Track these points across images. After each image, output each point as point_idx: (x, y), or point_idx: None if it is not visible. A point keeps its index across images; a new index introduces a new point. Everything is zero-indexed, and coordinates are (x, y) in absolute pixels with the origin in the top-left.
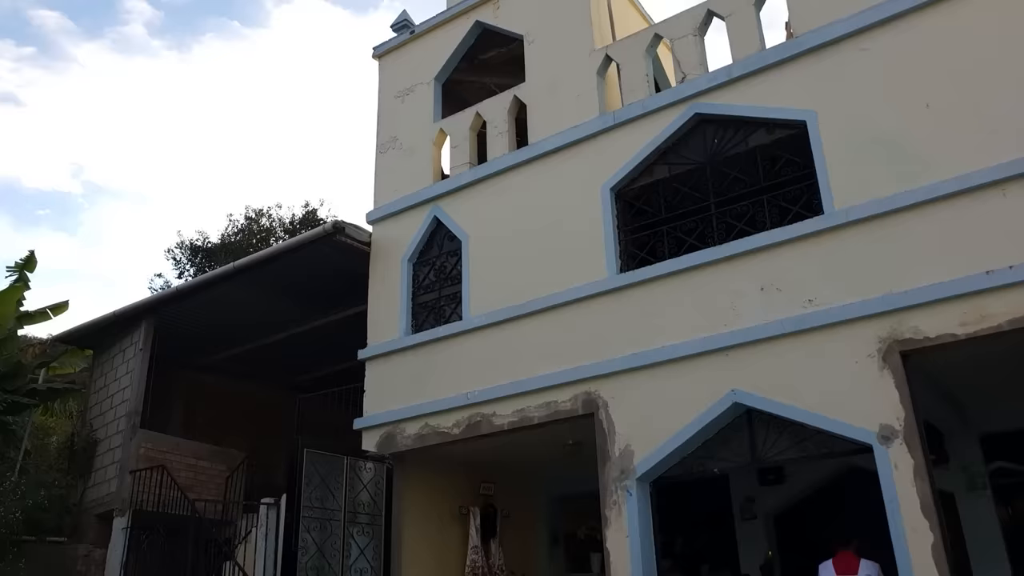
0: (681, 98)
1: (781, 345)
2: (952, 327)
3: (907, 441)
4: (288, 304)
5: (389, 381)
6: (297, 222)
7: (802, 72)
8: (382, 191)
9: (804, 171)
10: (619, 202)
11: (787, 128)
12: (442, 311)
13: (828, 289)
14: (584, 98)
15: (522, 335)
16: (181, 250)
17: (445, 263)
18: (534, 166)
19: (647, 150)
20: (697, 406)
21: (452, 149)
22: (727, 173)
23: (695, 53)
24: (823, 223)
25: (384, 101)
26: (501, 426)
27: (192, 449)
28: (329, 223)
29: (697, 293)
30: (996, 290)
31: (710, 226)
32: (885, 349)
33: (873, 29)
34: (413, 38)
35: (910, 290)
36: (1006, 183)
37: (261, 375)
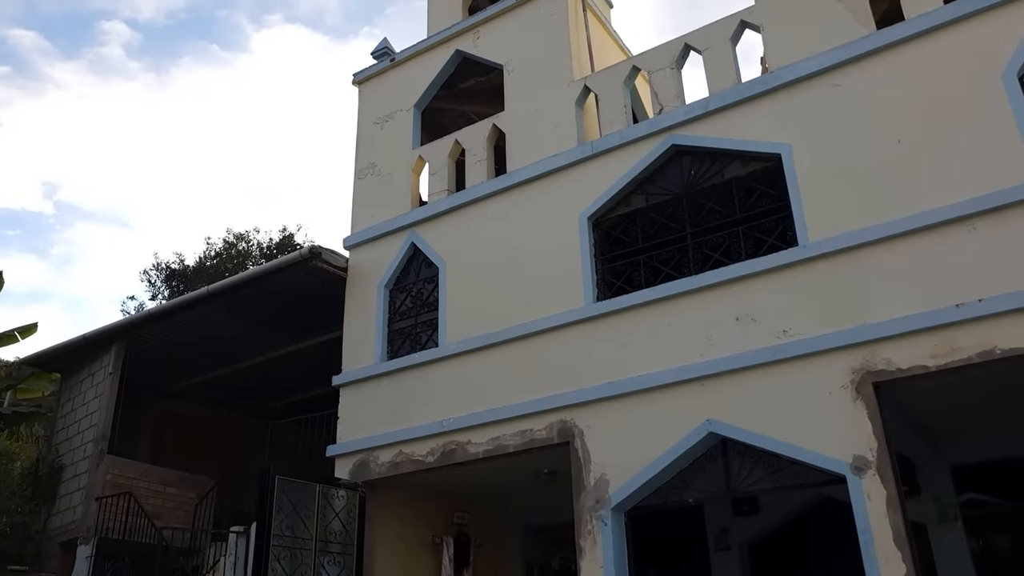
0: (658, 129)
1: (756, 375)
2: (923, 359)
3: (880, 472)
4: (262, 329)
5: (363, 408)
6: (274, 246)
7: (777, 106)
8: (360, 217)
9: (779, 203)
10: (596, 231)
11: (762, 160)
12: (418, 338)
13: (802, 320)
14: (563, 128)
15: (498, 363)
16: (157, 272)
17: (422, 289)
18: (512, 194)
19: (624, 180)
20: (672, 435)
21: (431, 176)
22: (703, 204)
23: (672, 85)
24: (797, 255)
25: (363, 127)
26: (476, 454)
27: (160, 475)
28: (306, 248)
29: (673, 322)
30: (966, 323)
31: (686, 256)
32: (858, 380)
33: (846, 66)
34: (393, 65)
35: (882, 322)
36: (974, 218)
37: (233, 400)
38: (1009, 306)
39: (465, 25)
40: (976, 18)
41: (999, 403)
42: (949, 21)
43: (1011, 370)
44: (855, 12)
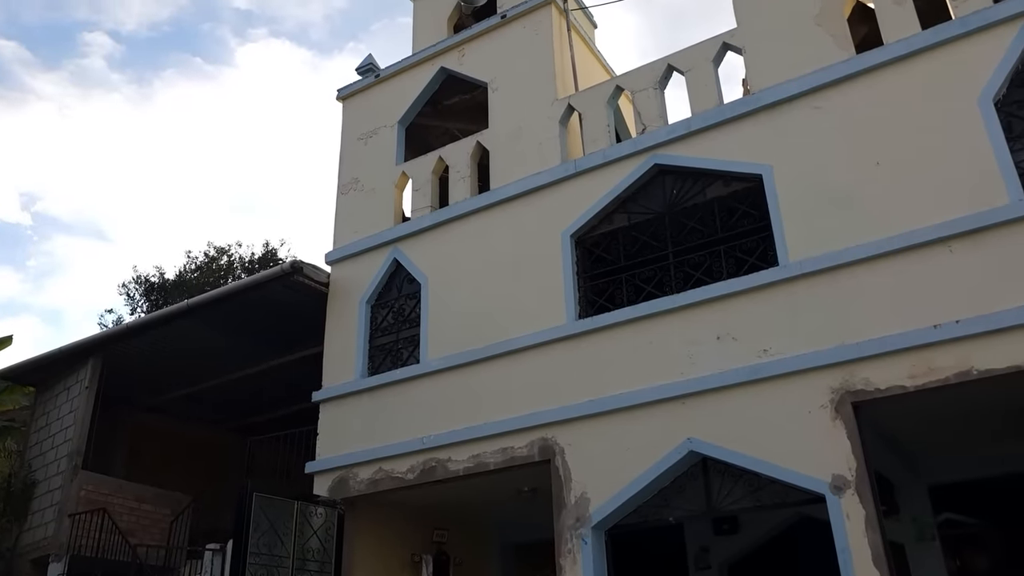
0: (641, 149)
1: (737, 394)
2: (902, 379)
3: (859, 491)
4: (242, 344)
5: (343, 424)
6: (256, 261)
7: (758, 127)
8: (342, 232)
9: (760, 223)
10: (579, 249)
11: (744, 181)
12: (399, 354)
13: (783, 339)
14: (546, 146)
15: (480, 380)
16: (136, 286)
17: (404, 305)
18: (495, 211)
19: (607, 198)
20: (653, 454)
21: (414, 192)
22: (685, 223)
23: (655, 105)
24: (778, 274)
25: (347, 142)
26: (456, 472)
27: (135, 492)
28: (287, 263)
29: (655, 341)
30: (943, 343)
31: (668, 275)
32: (838, 399)
33: (826, 88)
34: (378, 81)
35: (861, 342)
36: (952, 240)
37: (211, 416)
38: (985, 327)
39: (450, 43)
40: (952, 44)
41: (975, 423)
42: (926, 47)
43: (987, 391)
44: (835, 36)
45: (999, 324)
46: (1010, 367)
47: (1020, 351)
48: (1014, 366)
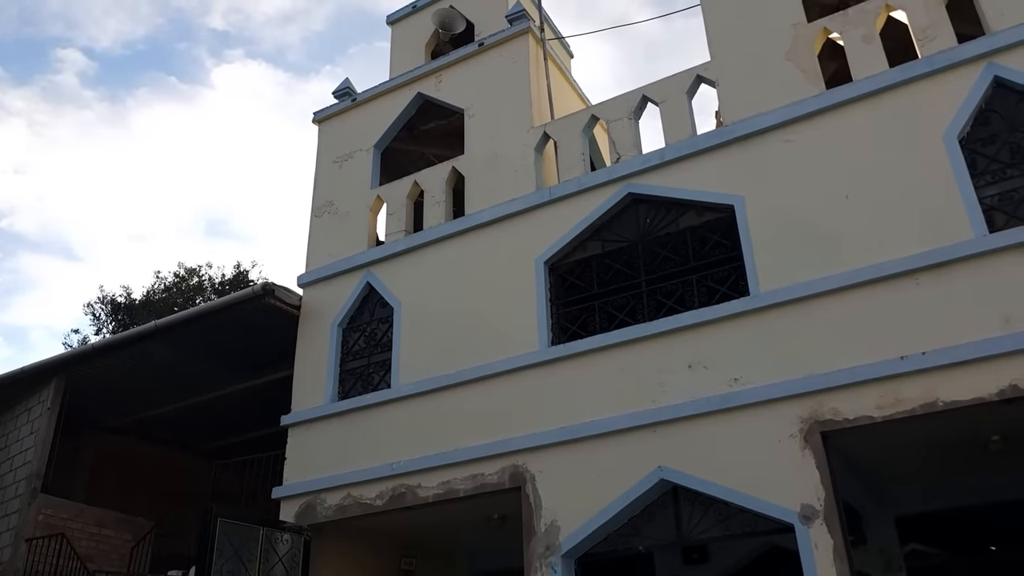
0: (615, 177)
1: (707, 422)
2: (869, 409)
3: (827, 521)
4: (211, 366)
5: (312, 449)
6: (227, 282)
7: (731, 159)
8: (315, 255)
9: (732, 253)
10: (552, 275)
11: (716, 211)
12: (370, 378)
13: (753, 368)
14: (521, 173)
15: (451, 405)
16: (102, 306)
17: (376, 330)
18: (470, 237)
19: (581, 226)
20: (624, 482)
21: (388, 216)
22: (658, 252)
23: (630, 135)
24: (749, 304)
25: (322, 165)
26: (426, 498)
27: (96, 516)
28: (259, 284)
29: (627, 368)
30: (910, 375)
31: (641, 303)
32: (807, 429)
33: (797, 122)
34: (354, 105)
35: (830, 372)
36: (918, 273)
37: (177, 439)
38: (950, 359)
39: (428, 68)
40: (919, 82)
41: (941, 454)
42: (894, 84)
43: (952, 422)
44: (805, 72)
45: (963, 356)
46: (974, 399)
47: (984, 383)
48: (978, 398)
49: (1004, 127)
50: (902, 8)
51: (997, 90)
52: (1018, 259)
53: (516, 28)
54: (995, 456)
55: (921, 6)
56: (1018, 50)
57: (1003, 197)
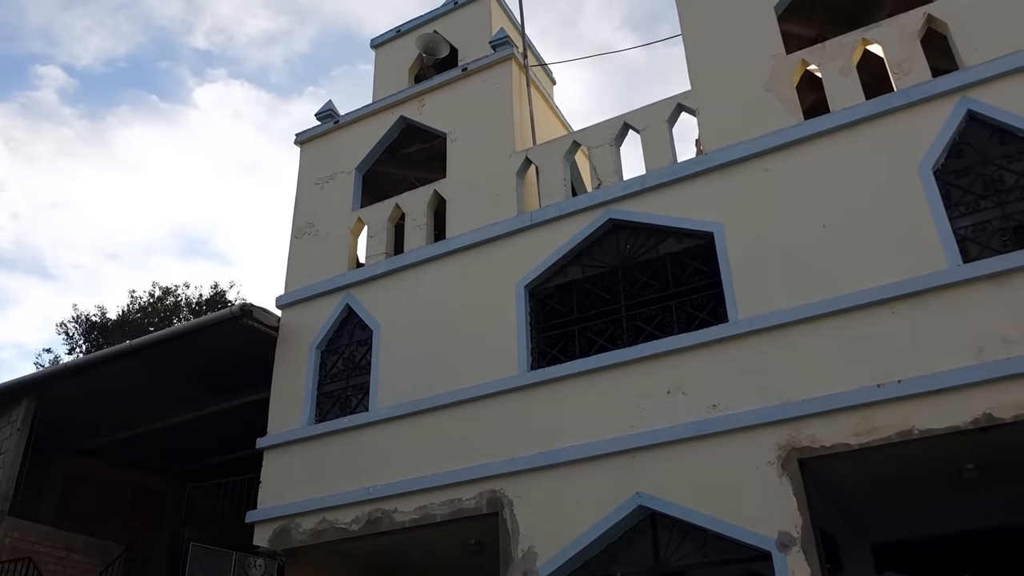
0: (596, 203)
1: (686, 449)
2: (846, 437)
3: (804, 549)
4: (186, 387)
5: (288, 472)
6: (204, 303)
7: (710, 186)
8: (294, 276)
9: (711, 280)
10: (533, 300)
11: (695, 238)
12: (348, 401)
13: (732, 395)
14: (503, 197)
15: (429, 429)
16: (76, 325)
17: (354, 352)
18: (450, 260)
19: (562, 251)
20: (602, 508)
21: (369, 238)
22: (638, 277)
23: (611, 162)
24: (728, 331)
25: (303, 187)
26: (402, 523)
27: (65, 540)
28: (237, 305)
29: (606, 394)
30: (886, 403)
31: (620, 328)
32: (784, 456)
33: (775, 152)
34: (337, 127)
35: (808, 399)
36: (894, 301)
37: (150, 461)
38: (926, 388)
39: (411, 92)
40: (895, 114)
41: (917, 483)
42: (870, 115)
43: (928, 450)
44: (784, 102)
45: (938, 385)
46: (949, 427)
47: (959, 412)
48: (953, 427)
49: (977, 160)
50: (878, 42)
51: (970, 123)
52: (991, 289)
53: (499, 54)
54: (970, 484)
55: (896, 40)
56: (990, 85)
57: (976, 228)
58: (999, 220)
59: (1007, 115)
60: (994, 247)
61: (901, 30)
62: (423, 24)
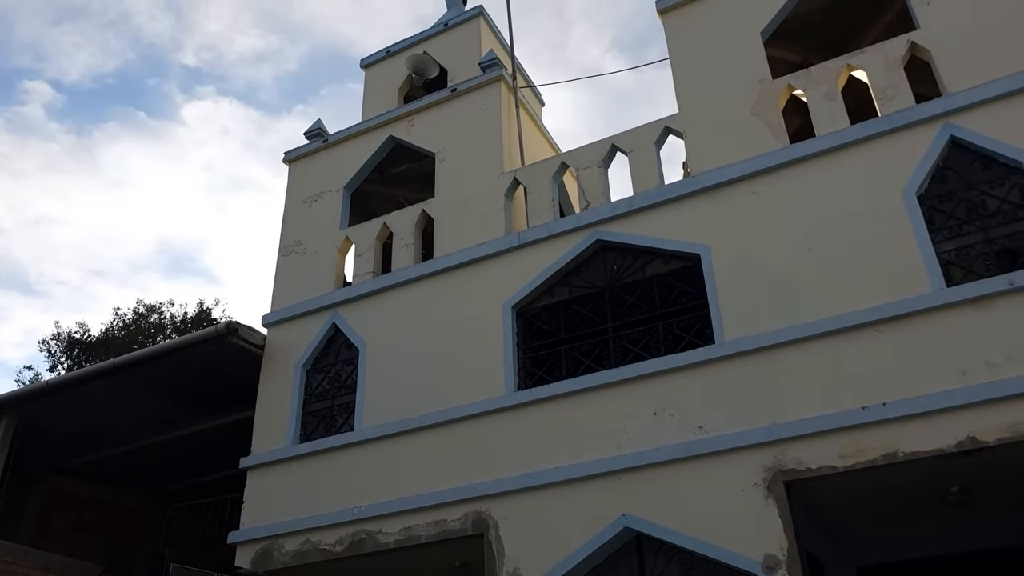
0: (584, 224)
1: (672, 470)
2: (832, 459)
3: (790, 572)
4: (169, 406)
5: (271, 492)
6: (189, 321)
7: (697, 208)
8: (281, 294)
9: (697, 301)
10: (520, 320)
11: (682, 260)
12: (333, 421)
13: (718, 417)
14: (491, 217)
15: (414, 449)
16: (58, 342)
17: (340, 371)
18: (438, 279)
19: (549, 271)
20: (588, 530)
21: (356, 257)
22: (625, 299)
23: (599, 183)
24: (714, 352)
25: (291, 205)
26: (387, 545)
27: (42, 560)
28: (222, 323)
29: (592, 415)
30: (871, 425)
31: (607, 349)
32: (770, 478)
33: (762, 175)
34: (325, 146)
35: (794, 421)
36: (879, 324)
37: (131, 480)
38: (910, 410)
39: (400, 112)
40: (879, 139)
41: (902, 505)
42: (855, 140)
43: (913, 473)
44: (770, 126)
45: (923, 408)
46: (934, 450)
47: (943, 435)
48: (937, 449)
49: (960, 185)
50: (863, 68)
51: (953, 149)
52: (974, 313)
53: (489, 75)
54: (955, 507)
55: (881, 66)
56: (972, 111)
57: (960, 252)
58: (982, 244)
59: (989, 141)
60: (977, 271)
61: (885, 57)
62: (413, 45)
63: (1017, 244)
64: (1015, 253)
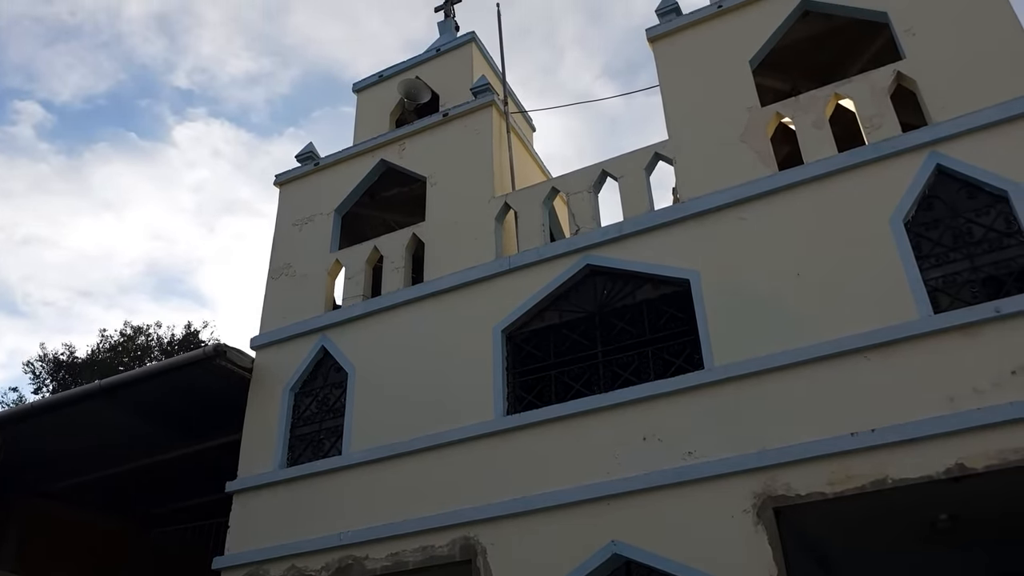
0: (574, 249)
1: (661, 496)
2: (821, 486)
3: None
4: (156, 429)
5: (257, 517)
6: (177, 343)
7: (687, 234)
8: (270, 317)
9: (687, 326)
10: (509, 344)
11: (672, 285)
12: (321, 444)
13: (707, 442)
14: (481, 241)
15: (402, 474)
16: (43, 364)
17: (329, 395)
18: (428, 303)
19: (539, 296)
20: (577, 556)
21: (346, 280)
22: (615, 323)
23: (589, 208)
24: (703, 378)
25: (281, 227)
26: (374, 570)
27: None
28: (210, 346)
29: (582, 440)
30: (860, 451)
31: (597, 374)
32: (760, 505)
33: (750, 201)
34: (316, 169)
35: (783, 447)
36: (868, 350)
37: (115, 505)
38: (899, 437)
39: (392, 136)
40: (866, 167)
41: (892, 532)
42: (843, 168)
43: (902, 500)
44: (759, 153)
45: (911, 435)
46: (922, 477)
47: (932, 462)
48: (926, 476)
49: (947, 213)
50: (850, 97)
51: (939, 177)
52: (961, 340)
53: (480, 101)
54: (943, 535)
55: (867, 95)
56: (957, 140)
57: (947, 280)
58: (968, 272)
59: (974, 169)
60: (964, 298)
61: (872, 86)
62: (405, 70)
63: (1003, 272)
64: (1001, 280)
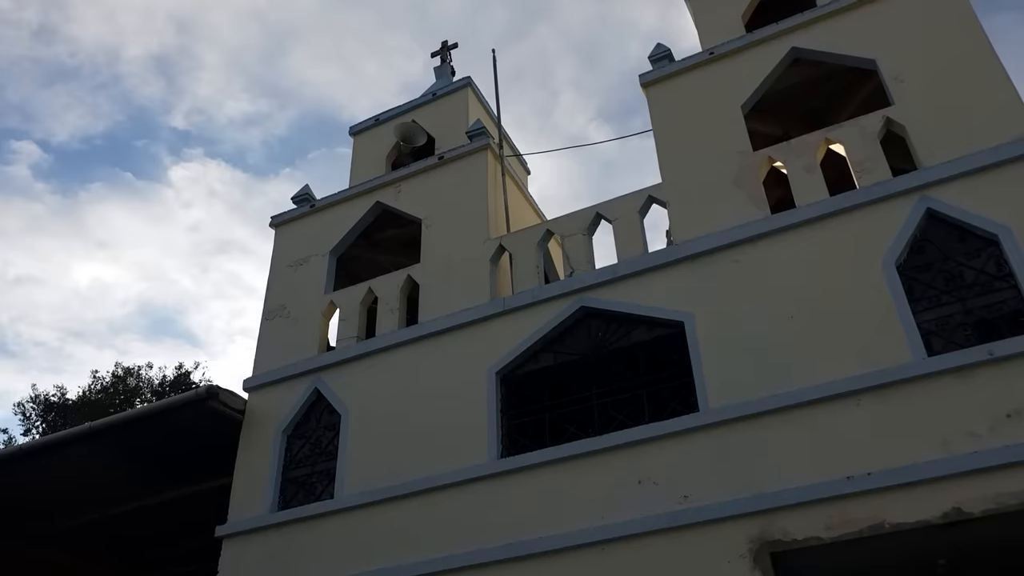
0: (568, 291)
1: (656, 540)
2: (818, 530)
3: None
4: (146, 472)
5: (247, 562)
6: (168, 384)
7: (681, 276)
8: (263, 358)
9: (681, 369)
10: (504, 386)
11: (666, 327)
12: (313, 488)
13: (703, 486)
14: (476, 283)
15: (395, 517)
16: (33, 405)
17: (322, 437)
18: (422, 345)
19: (534, 338)
20: None
21: (341, 322)
22: (609, 365)
23: (583, 250)
24: (698, 420)
25: (276, 269)
26: None
27: None
28: (203, 387)
29: (576, 483)
30: (857, 495)
31: (591, 416)
32: (756, 549)
33: (743, 244)
34: (312, 211)
35: (779, 491)
36: (860, 394)
37: (104, 548)
38: (895, 481)
39: (388, 179)
40: (858, 211)
41: None
42: (834, 211)
43: (900, 544)
44: (752, 196)
45: (907, 478)
46: (919, 521)
47: (928, 506)
48: (923, 521)
49: (938, 256)
50: (841, 141)
51: (930, 221)
52: (954, 383)
53: (476, 144)
54: None
55: (858, 140)
56: (947, 185)
57: (939, 322)
58: (961, 315)
59: (964, 213)
60: (957, 341)
61: (862, 131)
62: (402, 113)
63: (995, 314)
64: (993, 323)
